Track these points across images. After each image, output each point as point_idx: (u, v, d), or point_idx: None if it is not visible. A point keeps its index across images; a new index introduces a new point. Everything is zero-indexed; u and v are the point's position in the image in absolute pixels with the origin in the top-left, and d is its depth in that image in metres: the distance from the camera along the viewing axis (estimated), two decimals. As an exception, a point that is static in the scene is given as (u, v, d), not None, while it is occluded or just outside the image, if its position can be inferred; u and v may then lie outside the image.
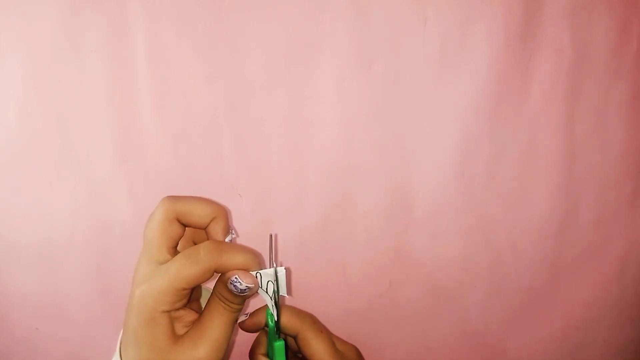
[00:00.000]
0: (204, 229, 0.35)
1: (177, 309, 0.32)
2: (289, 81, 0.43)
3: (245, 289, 0.31)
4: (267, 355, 0.37)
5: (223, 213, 0.34)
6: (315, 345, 0.35)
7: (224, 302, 0.32)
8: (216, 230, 0.34)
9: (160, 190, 0.43)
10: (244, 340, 0.39)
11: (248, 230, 0.44)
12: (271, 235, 0.35)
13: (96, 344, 0.45)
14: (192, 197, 0.34)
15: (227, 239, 0.34)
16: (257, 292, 0.33)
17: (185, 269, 0.30)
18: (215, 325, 0.32)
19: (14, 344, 0.45)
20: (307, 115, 0.44)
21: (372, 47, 0.43)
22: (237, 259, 0.31)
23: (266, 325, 0.36)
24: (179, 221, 0.33)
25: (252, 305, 0.40)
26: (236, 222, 0.45)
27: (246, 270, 0.32)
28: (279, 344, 0.35)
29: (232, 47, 0.42)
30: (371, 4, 0.42)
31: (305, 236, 0.45)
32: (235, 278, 0.31)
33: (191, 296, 0.33)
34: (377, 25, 0.43)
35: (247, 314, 0.37)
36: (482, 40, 0.44)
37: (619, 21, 0.46)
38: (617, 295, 0.51)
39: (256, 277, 0.32)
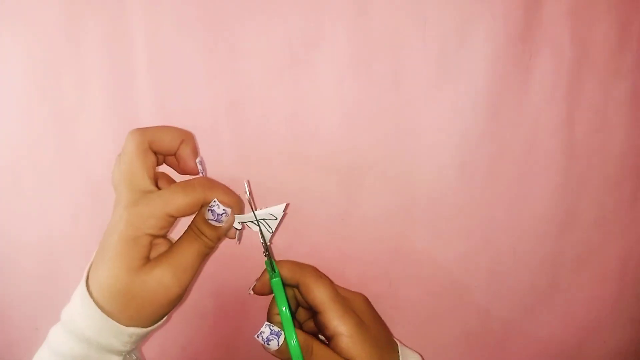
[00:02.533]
0: (174, 154, 0.36)
1: (158, 236, 0.33)
2: (289, 81, 0.43)
3: (222, 214, 0.33)
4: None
5: (190, 136, 0.37)
6: (315, 289, 0.36)
7: (197, 234, 0.34)
8: (186, 152, 0.36)
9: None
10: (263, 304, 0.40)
11: (248, 230, 0.45)
12: (247, 182, 0.36)
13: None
14: (157, 126, 0.36)
15: (197, 160, 0.37)
16: (231, 225, 0.35)
17: (178, 196, 0.32)
18: (185, 253, 0.33)
19: (14, 344, 0.45)
20: (307, 115, 0.44)
21: (372, 47, 0.43)
22: (225, 197, 0.34)
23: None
24: (152, 149, 0.35)
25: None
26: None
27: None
28: (275, 280, 0.36)
29: (232, 47, 0.42)
30: (371, 4, 0.42)
31: (305, 235, 0.45)
32: (214, 202, 0.33)
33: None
34: (377, 25, 0.43)
35: (256, 280, 0.39)
36: (482, 40, 0.44)
37: (619, 21, 0.46)
38: (617, 295, 0.51)
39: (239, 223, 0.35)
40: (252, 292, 0.38)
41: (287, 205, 0.36)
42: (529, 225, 0.48)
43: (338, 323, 0.35)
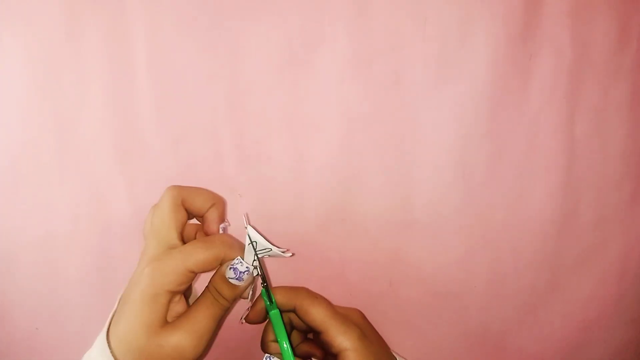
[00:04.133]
0: (202, 215, 0.37)
1: (177, 292, 0.33)
2: (289, 81, 0.43)
3: (244, 272, 0.34)
4: (276, 341, 0.37)
5: (221, 201, 0.38)
6: (313, 311, 0.36)
7: (215, 295, 0.34)
8: (214, 216, 0.37)
9: (160, 191, 0.43)
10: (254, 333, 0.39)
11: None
12: (246, 215, 0.36)
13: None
14: (194, 187, 0.37)
15: (221, 226, 0.37)
16: (252, 283, 0.35)
17: (199, 251, 0.33)
18: (202, 317, 0.33)
19: (14, 344, 0.45)
20: (307, 115, 0.44)
21: (372, 47, 0.43)
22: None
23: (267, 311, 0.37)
24: (183, 206, 0.36)
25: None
26: (236, 222, 0.45)
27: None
28: (274, 313, 0.35)
29: (232, 47, 0.42)
30: (371, 4, 0.42)
31: (305, 236, 0.45)
32: (238, 259, 0.34)
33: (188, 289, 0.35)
34: (377, 25, 0.43)
35: (247, 308, 0.38)
36: (482, 40, 0.44)
37: (619, 21, 0.46)
38: (617, 295, 0.51)
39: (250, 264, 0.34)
40: (243, 322, 0.38)
41: (289, 254, 0.36)
42: (529, 225, 0.48)
43: (342, 339, 0.35)
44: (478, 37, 0.43)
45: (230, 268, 0.34)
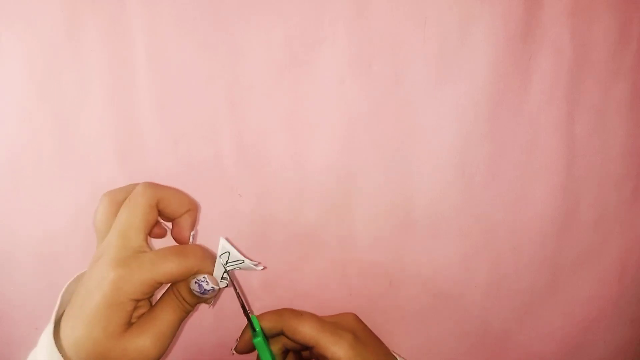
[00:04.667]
0: (174, 219, 0.35)
1: (142, 300, 0.32)
2: (289, 81, 0.43)
3: (208, 290, 0.33)
4: None
5: (195, 207, 0.36)
6: (301, 329, 0.35)
7: (179, 299, 0.33)
8: (187, 222, 0.35)
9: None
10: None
11: (248, 230, 0.45)
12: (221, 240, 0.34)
13: None
14: (170, 187, 0.35)
15: (191, 233, 0.36)
16: (211, 298, 0.34)
17: (171, 264, 0.31)
18: (166, 319, 0.32)
19: (14, 344, 0.45)
20: (307, 115, 0.44)
21: (372, 47, 0.43)
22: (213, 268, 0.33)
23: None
24: (157, 207, 0.34)
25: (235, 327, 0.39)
26: (236, 222, 0.45)
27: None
28: (257, 340, 0.35)
29: (232, 47, 0.42)
30: (371, 4, 0.42)
31: (305, 236, 0.45)
32: (204, 277, 0.32)
33: None
34: (377, 25, 0.43)
35: (236, 340, 0.38)
36: (482, 40, 0.44)
37: (619, 21, 0.46)
38: (617, 295, 0.51)
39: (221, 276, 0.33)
40: (234, 353, 0.38)
41: (261, 267, 0.35)
42: (529, 225, 0.48)
43: (335, 349, 0.34)
44: (478, 37, 0.43)
45: (195, 282, 0.32)
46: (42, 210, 0.43)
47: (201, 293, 0.33)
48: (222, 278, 0.34)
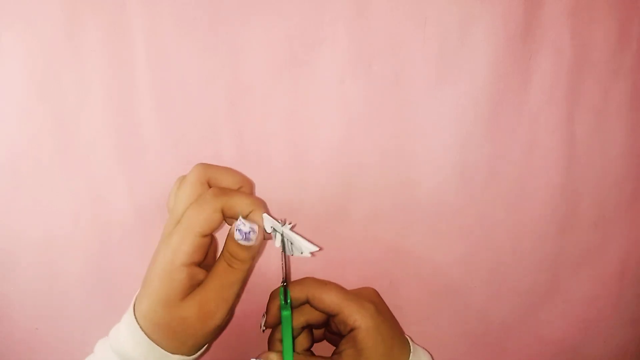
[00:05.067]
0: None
1: (194, 264, 0.33)
2: (289, 81, 0.43)
3: (249, 232, 0.33)
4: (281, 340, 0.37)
5: (249, 183, 0.37)
6: (325, 297, 0.36)
7: (229, 261, 0.34)
8: None
9: (160, 191, 0.43)
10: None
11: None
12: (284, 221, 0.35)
13: (96, 344, 0.45)
14: (222, 166, 0.36)
15: None
16: (262, 237, 0.34)
17: (195, 213, 0.33)
18: (221, 284, 0.33)
19: (14, 344, 0.45)
20: (307, 115, 0.44)
21: (372, 47, 0.43)
22: (242, 199, 0.34)
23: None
24: (209, 185, 0.35)
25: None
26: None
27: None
28: (286, 314, 0.35)
29: (232, 47, 0.42)
30: (371, 4, 0.42)
31: (305, 236, 0.45)
32: (240, 220, 0.33)
33: (206, 257, 0.35)
34: (377, 25, 0.43)
35: (263, 315, 0.38)
36: (482, 40, 0.44)
37: (619, 21, 0.46)
38: (617, 295, 0.51)
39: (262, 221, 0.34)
40: (264, 329, 0.38)
41: (318, 249, 0.35)
42: (529, 225, 0.48)
43: (357, 317, 0.35)
44: (478, 37, 0.43)
45: (236, 230, 0.33)
46: (42, 211, 0.43)
47: (245, 239, 0.33)
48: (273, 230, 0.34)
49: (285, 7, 0.42)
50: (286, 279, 0.36)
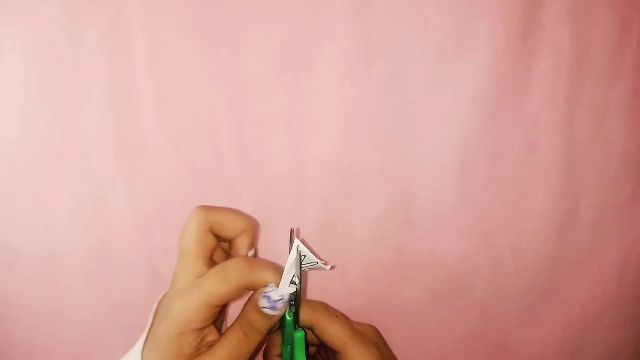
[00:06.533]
0: (231, 240, 0.35)
1: (204, 328, 0.32)
2: (289, 81, 0.43)
3: (278, 300, 0.31)
4: (281, 355, 0.36)
5: (252, 226, 0.35)
6: (332, 330, 0.34)
7: (246, 330, 0.32)
8: (243, 243, 0.35)
9: (160, 190, 0.43)
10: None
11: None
12: (292, 230, 0.34)
13: (96, 344, 0.45)
14: (224, 207, 0.34)
15: (250, 253, 0.34)
16: (285, 311, 0.32)
17: (216, 286, 0.31)
18: (230, 348, 0.32)
19: (14, 344, 0.45)
20: (307, 115, 0.44)
21: (372, 47, 0.43)
22: (268, 276, 0.32)
23: (281, 325, 0.35)
24: (212, 231, 0.33)
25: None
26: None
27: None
28: (299, 335, 0.34)
29: (232, 47, 0.42)
30: (371, 4, 0.42)
31: (305, 236, 0.45)
32: (271, 287, 0.31)
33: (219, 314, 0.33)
34: (377, 25, 0.43)
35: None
36: (482, 40, 0.44)
37: (619, 21, 0.46)
38: (617, 295, 0.51)
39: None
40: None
41: (331, 267, 0.34)
42: (529, 225, 0.48)
43: None
44: (478, 37, 0.43)
45: (263, 296, 0.31)
46: (42, 210, 0.43)
47: (271, 307, 0.31)
48: (291, 282, 0.32)
49: (286, 7, 0.42)
50: (298, 301, 0.33)
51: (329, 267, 0.33)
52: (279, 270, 0.32)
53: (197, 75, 0.42)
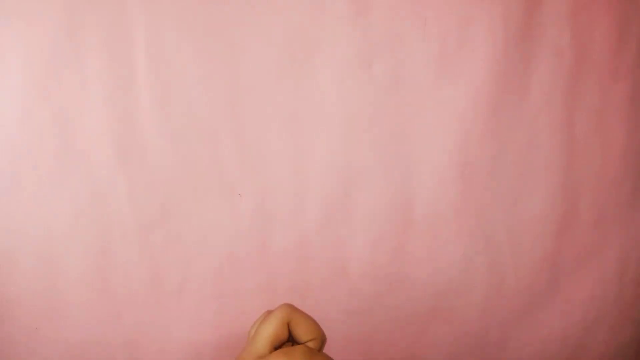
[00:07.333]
0: (299, 342, 0.36)
1: None
2: (289, 81, 0.43)
3: None
4: None
5: (321, 338, 0.36)
6: None
7: None
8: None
9: (160, 190, 0.43)
10: None
11: (248, 230, 0.45)
12: None
13: (96, 344, 0.45)
14: (306, 314, 0.37)
15: None
16: None
17: (265, 328, 0.34)
18: None
19: (14, 344, 0.45)
20: (307, 116, 0.44)
21: (372, 47, 0.43)
22: (308, 324, 0.35)
23: None
24: (288, 326, 0.36)
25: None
26: (236, 222, 0.44)
27: None
28: None
29: (232, 47, 0.42)
30: (371, 4, 0.42)
31: (305, 236, 0.45)
32: None
33: None
34: (377, 25, 0.43)
35: None
36: (482, 40, 0.44)
37: (619, 21, 0.46)
38: (617, 295, 0.51)
39: None
40: None
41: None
42: (528, 226, 0.48)
43: None
44: (478, 37, 0.43)
45: None
46: (42, 211, 0.43)
47: None
48: None
49: (285, 7, 0.42)
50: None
51: None
52: (319, 326, 0.35)
53: (197, 75, 0.42)
